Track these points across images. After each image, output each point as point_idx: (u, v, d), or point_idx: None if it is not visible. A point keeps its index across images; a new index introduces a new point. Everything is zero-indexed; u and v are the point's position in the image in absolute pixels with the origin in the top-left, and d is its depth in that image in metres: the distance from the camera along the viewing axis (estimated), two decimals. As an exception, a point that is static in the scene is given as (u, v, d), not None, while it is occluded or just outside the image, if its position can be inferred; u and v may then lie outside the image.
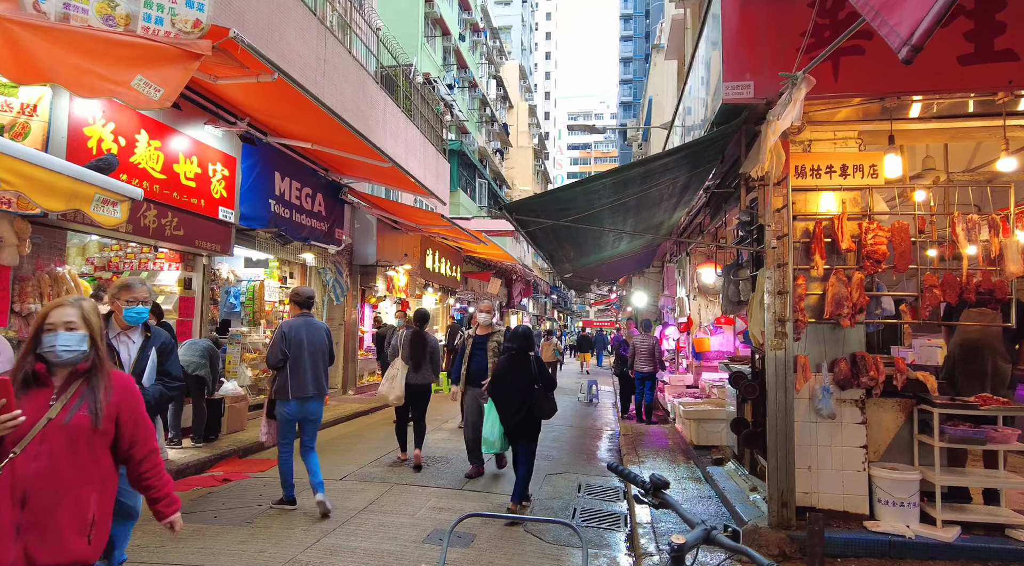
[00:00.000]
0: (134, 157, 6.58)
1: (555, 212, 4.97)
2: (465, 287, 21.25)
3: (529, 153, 43.73)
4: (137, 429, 2.24)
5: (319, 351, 5.32)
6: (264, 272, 10.44)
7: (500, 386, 5.59)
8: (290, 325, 5.29)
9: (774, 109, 4.06)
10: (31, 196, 3.16)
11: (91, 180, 3.51)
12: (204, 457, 6.86)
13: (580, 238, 6.67)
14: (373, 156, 8.25)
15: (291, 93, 6.48)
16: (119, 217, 3.75)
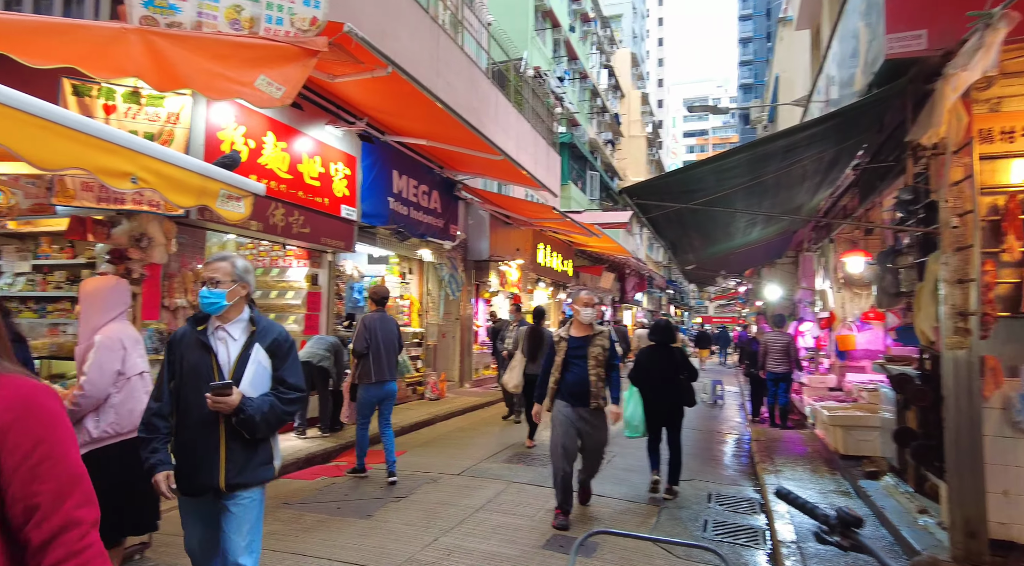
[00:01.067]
0: (262, 158, 6.91)
1: (680, 195, 4.52)
2: (576, 281, 20.89)
3: (642, 142, 42.39)
4: (35, 482, 1.10)
5: (392, 341, 6.21)
6: (385, 268, 10.74)
7: (645, 377, 5.97)
8: (370, 318, 6.17)
9: (955, 60, 3.38)
10: (165, 193, 3.27)
11: (217, 176, 3.60)
12: (329, 447, 7.09)
13: (708, 225, 6.11)
14: (486, 150, 8.15)
15: (406, 89, 6.50)
16: (243, 212, 3.83)
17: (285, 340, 2.78)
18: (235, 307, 2.73)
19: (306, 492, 5.65)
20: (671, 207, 4.50)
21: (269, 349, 2.70)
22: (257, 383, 2.64)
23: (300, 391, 2.76)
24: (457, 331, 12.88)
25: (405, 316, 11.18)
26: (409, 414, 9.43)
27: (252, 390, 2.60)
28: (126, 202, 5.68)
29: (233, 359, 2.65)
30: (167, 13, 4.69)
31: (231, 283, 2.69)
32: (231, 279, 2.70)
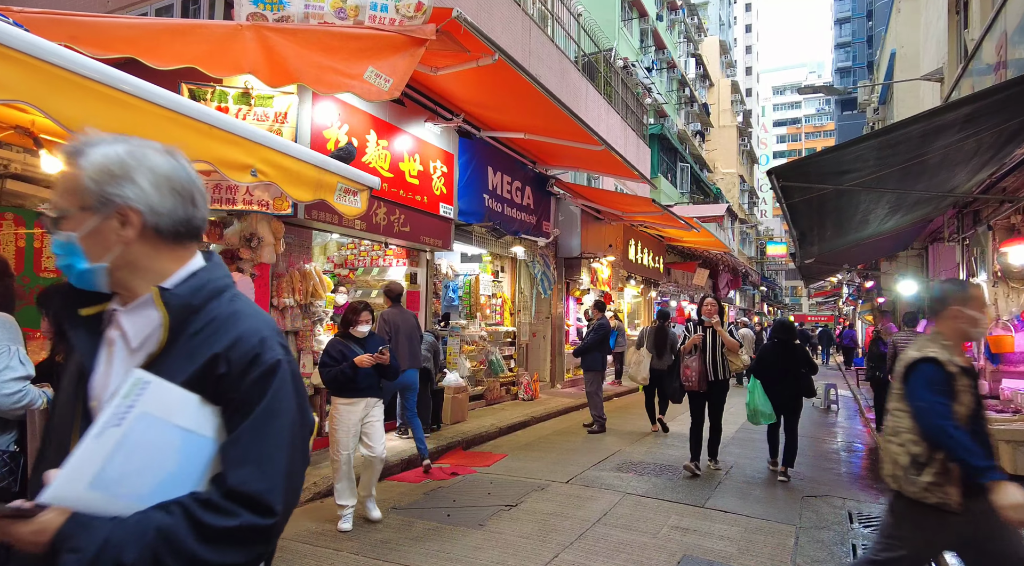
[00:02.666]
0: (365, 157, 6.87)
1: (831, 176, 3.96)
2: (668, 279, 20.07)
3: (732, 133, 40.46)
4: None
5: (412, 330, 6.57)
6: (478, 266, 10.59)
7: (768, 369, 6.56)
8: (389, 313, 6.53)
9: None
10: (283, 186, 3.14)
11: (334, 169, 3.45)
12: (431, 447, 6.95)
13: (847, 211, 5.45)
14: (585, 140, 7.78)
15: (506, 79, 6.24)
16: (359, 207, 3.68)
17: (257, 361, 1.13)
18: (129, 268, 1.17)
19: (413, 496, 5.50)
20: (824, 189, 3.94)
21: (205, 380, 1.11)
22: (144, 470, 1.06)
23: (261, 509, 1.07)
24: (548, 330, 12.58)
25: (498, 315, 11.00)
26: (504, 415, 9.21)
27: (117, 490, 1.04)
28: (237, 202, 5.75)
29: None
30: (276, 7, 4.65)
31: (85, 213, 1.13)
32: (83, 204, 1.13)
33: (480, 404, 9.80)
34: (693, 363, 6.43)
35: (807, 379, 6.52)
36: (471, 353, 9.73)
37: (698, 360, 6.39)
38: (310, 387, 6.66)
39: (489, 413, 9.36)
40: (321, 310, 6.77)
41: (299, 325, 6.41)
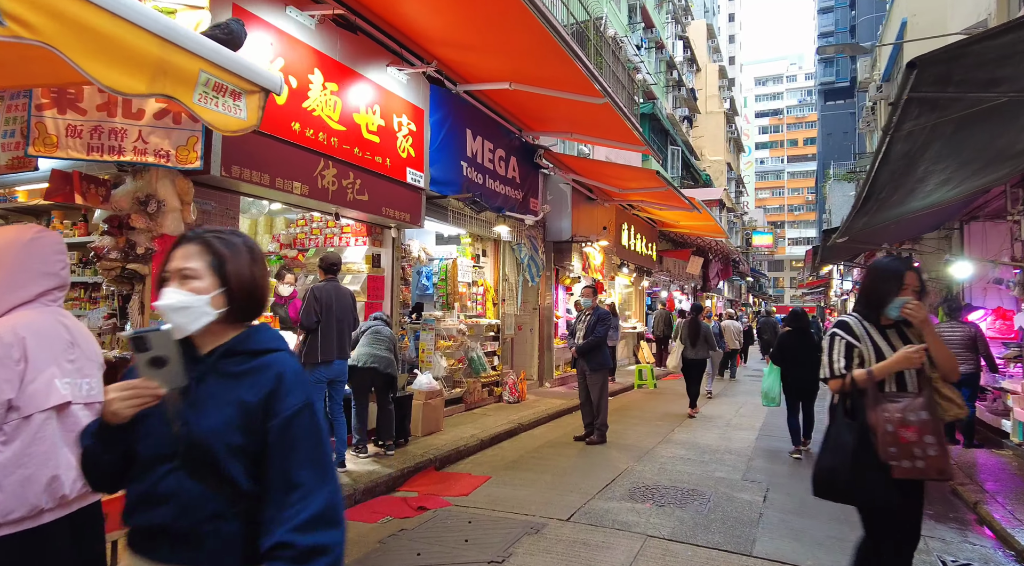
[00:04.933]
0: (308, 102, 5.39)
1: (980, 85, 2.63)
2: (660, 267, 18.82)
3: (720, 119, 39.34)
4: None
5: (347, 315, 5.54)
6: (456, 250, 9.16)
7: (786, 356, 7.05)
8: (322, 289, 5.43)
9: None
10: (77, 59, 1.69)
11: (194, 47, 2.01)
12: (394, 471, 5.55)
13: (938, 165, 4.14)
14: (584, 89, 6.38)
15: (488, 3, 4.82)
16: (243, 119, 2.27)
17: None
18: None
19: (364, 546, 4.09)
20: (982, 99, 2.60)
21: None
22: None
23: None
24: (535, 323, 11.21)
25: (479, 306, 9.59)
26: (487, 422, 7.82)
27: None
28: (125, 151, 4.25)
29: None
30: None
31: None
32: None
33: (458, 409, 8.40)
34: None
35: None
36: (448, 350, 8.32)
37: None
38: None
39: (469, 420, 7.96)
40: (252, 298, 5.30)
41: (220, 317, 4.93)
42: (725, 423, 9.08)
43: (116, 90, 1.83)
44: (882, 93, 17.76)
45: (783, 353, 7.12)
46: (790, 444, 7.33)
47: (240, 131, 2.37)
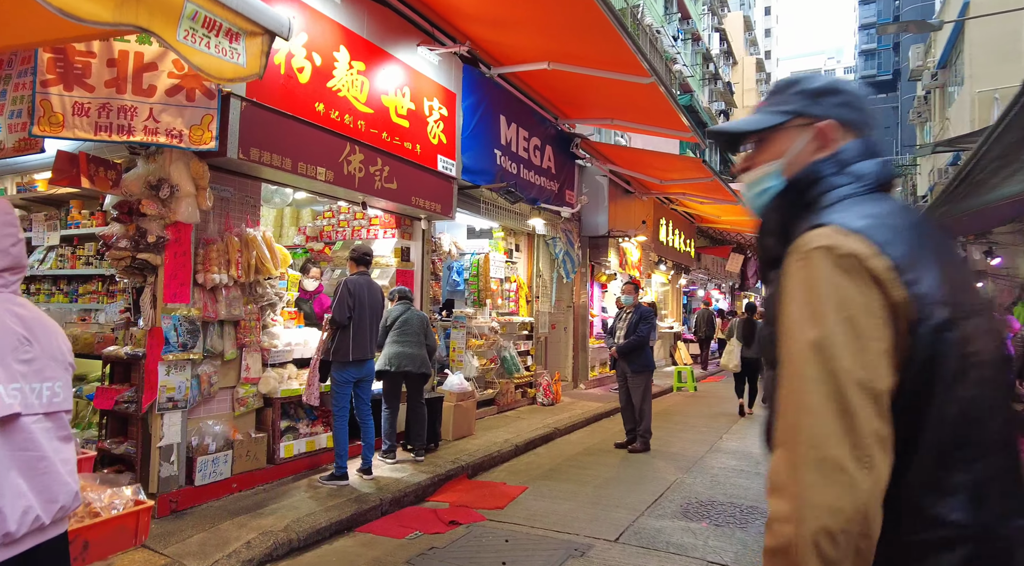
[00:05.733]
0: (333, 82, 5.01)
1: None
2: (698, 265, 18.11)
3: (757, 114, 38.12)
4: None
5: (378, 312, 5.25)
6: (488, 244, 8.74)
7: None
8: (356, 282, 5.05)
9: None
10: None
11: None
12: (424, 479, 5.14)
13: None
14: (629, 67, 5.87)
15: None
16: (240, 64, 1.86)
17: None
18: None
19: (395, 564, 3.68)
20: None
21: None
22: None
23: None
24: (570, 321, 10.72)
25: (512, 303, 9.15)
26: (521, 426, 7.38)
27: None
28: (135, 131, 3.92)
29: None
30: None
31: None
32: None
33: (490, 411, 7.98)
34: None
35: None
36: (479, 349, 7.90)
37: None
38: (258, 397, 4.86)
39: (502, 423, 7.53)
40: (272, 292, 4.95)
41: (238, 312, 4.60)
42: (775, 430, 8.46)
43: (72, 15, 1.44)
44: (937, 81, 16.77)
45: None
46: None
47: (238, 80, 1.98)
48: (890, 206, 1.03)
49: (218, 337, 4.52)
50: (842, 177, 1.07)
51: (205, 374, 4.39)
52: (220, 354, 4.53)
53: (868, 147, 1.10)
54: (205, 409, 4.47)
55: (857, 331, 0.88)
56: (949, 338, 0.91)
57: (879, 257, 0.90)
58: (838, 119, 1.12)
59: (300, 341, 5.35)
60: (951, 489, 0.90)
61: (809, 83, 1.16)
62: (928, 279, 0.92)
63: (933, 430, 0.90)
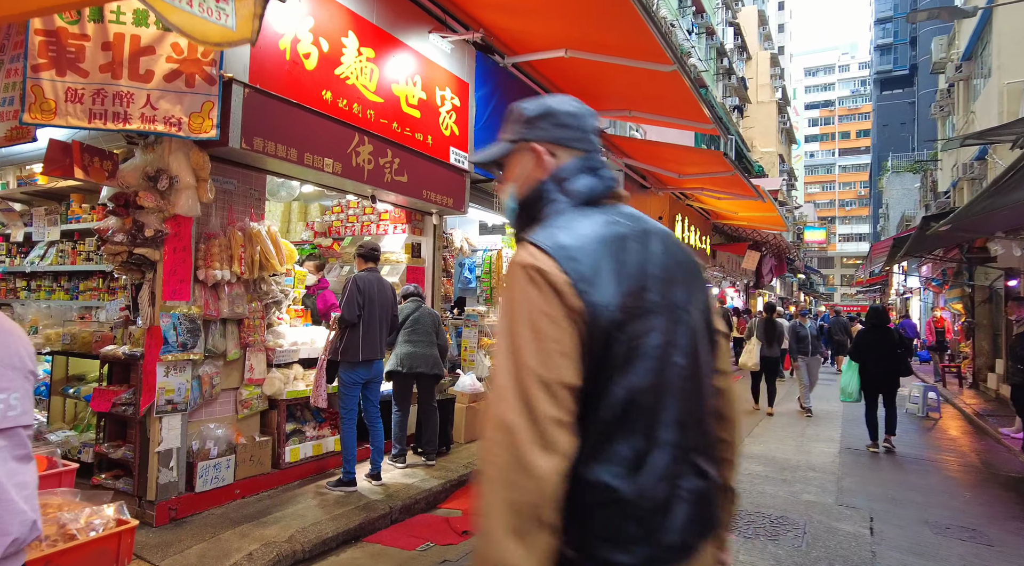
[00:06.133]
0: (341, 69, 4.78)
1: None
2: (713, 262, 17.76)
3: (771, 109, 37.63)
4: None
5: (388, 310, 4.95)
6: (501, 240, 8.50)
7: (865, 352, 7.16)
8: (365, 279, 4.80)
9: None
10: None
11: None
12: (435, 485, 4.91)
13: None
14: (650, 54, 5.59)
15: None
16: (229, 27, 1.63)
17: None
18: None
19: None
20: None
21: None
22: None
23: None
24: (584, 320, 10.44)
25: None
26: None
27: None
28: (132, 119, 3.71)
29: None
30: None
31: None
32: None
33: (503, 413, 7.72)
34: None
35: (903, 359, 7.20)
36: (492, 348, 7.66)
37: None
38: (262, 399, 4.65)
39: (515, 425, 7.28)
40: (278, 289, 4.74)
41: (241, 310, 4.38)
42: (799, 432, 8.17)
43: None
44: (962, 73, 16.29)
45: (862, 349, 7.23)
46: (878, 458, 6.78)
47: (226, 44, 1.75)
48: (592, 220, 1.15)
49: (220, 336, 4.31)
50: (559, 194, 1.20)
51: (207, 375, 4.18)
52: (223, 354, 4.32)
53: (586, 163, 1.22)
54: (207, 412, 4.27)
55: (539, 334, 1.02)
56: (617, 336, 1.06)
57: (560, 272, 1.04)
58: (553, 140, 1.23)
59: (307, 340, 5.14)
60: (612, 459, 1.05)
61: (526, 110, 1.26)
62: (602, 288, 1.06)
63: (602, 411, 1.06)
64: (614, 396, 1.07)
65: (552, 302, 1.04)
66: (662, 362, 1.11)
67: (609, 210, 1.20)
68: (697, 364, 1.18)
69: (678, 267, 1.20)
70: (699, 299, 1.23)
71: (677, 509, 1.10)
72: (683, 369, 1.14)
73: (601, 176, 1.23)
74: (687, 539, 1.11)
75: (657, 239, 1.20)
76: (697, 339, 1.19)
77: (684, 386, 1.14)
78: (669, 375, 1.12)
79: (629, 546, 1.05)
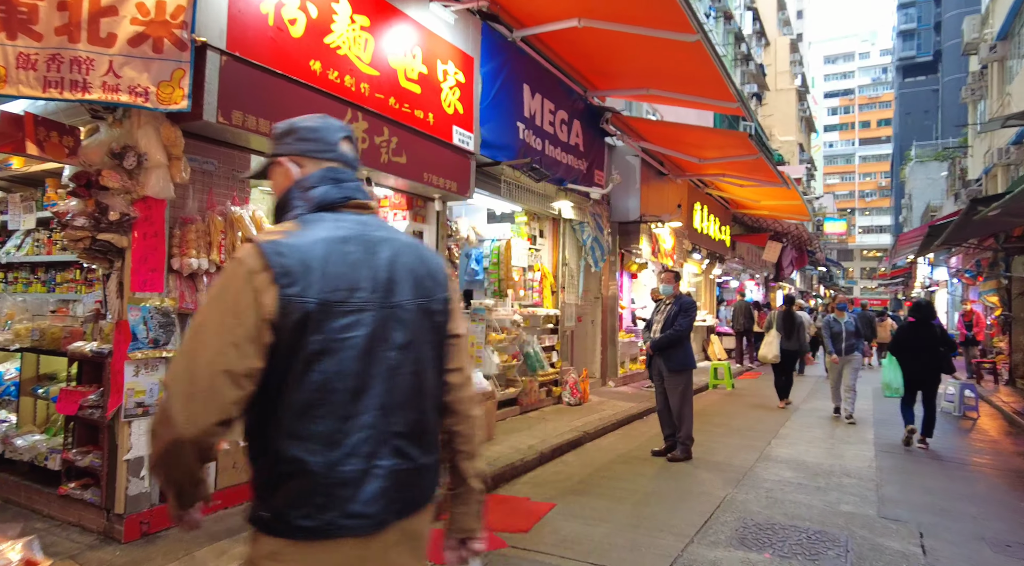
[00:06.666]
0: (331, 38, 4.35)
1: None
2: (733, 254, 17.17)
3: (791, 96, 36.68)
4: None
5: None
6: (511, 229, 8.05)
7: (905, 348, 7.04)
8: None
9: None
10: None
11: None
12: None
13: None
14: (672, 22, 5.10)
15: None
16: None
17: None
18: None
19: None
20: None
21: None
22: None
23: None
24: (598, 314, 10.00)
25: (536, 294, 8.45)
26: (546, 429, 6.71)
27: None
28: (92, 88, 3.31)
29: None
30: None
31: None
32: None
33: (512, 412, 7.32)
34: None
35: (945, 356, 6.95)
36: (501, 344, 7.24)
37: None
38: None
39: (524, 426, 6.87)
40: (264, 280, 4.33)
41: (222, 303, 3.98)
42: (828, 434, 7.66)
43: None
44: (996, 53, 15.52)
45: (902, 344, 7.08)
46: (919, 462, 6.32)
47: None
48: (321, 224, 1.29)
49: (198, 331, 3.92)
50: (298, 200, 1.35)
51: (183, 374, 3.79)
52: (201, 351, 3.92)
53: (329, 174, 1.37)
54: (184, 414, 3.88)
55: (226, 323, 1.15)
56: (316, 327, 1.19)
57: (265, 270, 1.17)
58: (299, 152, 1.39)
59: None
60: (305, 436, 1.19)
61: (276, 128, 1.44)
62: (304, 283, 1.19)
63: (297, 393, 1.18)
64: (310, 380, 1.18)
65: (248, 295, 1.16)
66: (367, 354, 1.23)
67: (343, 216, 1.33)
68: (414, 360, 1.31)
69: (407, 272, 1.33)
70: (429, 302, 1.36)
71: (369, 484, 1.22)
72: (393, 362, 1.26)
73: (341, 186, 1.36)
74: (378, 512, 1.22)
75: (387, 246, 1.32)
76: (417, 337, 1.32)
77: (392, 377, 1.26)
78: (374, 366, 1.24)
79: (315, 513, 1.17)
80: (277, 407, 1.18)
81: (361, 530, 1.21)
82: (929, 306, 7.34)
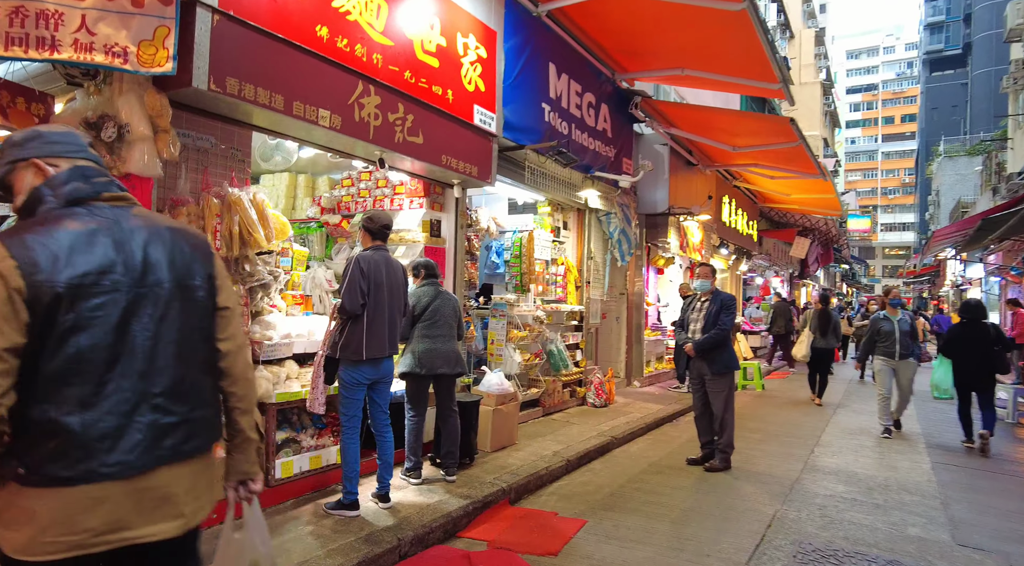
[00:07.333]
0: (339, 1, 3.91)
1: None
2: (759, 249, 16.53)
3: (816, 90, 35.72)
4: None
5: (398, 297, 4.08)
6: (533, 220, 7.58)
7: (956, 347, 6.78)
8: (368, 260, 3.88)
9: None
10: None
11: None
12: (455, 508, 4.05)
13: None
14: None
15: None
16: None
17: None
18: None
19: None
20: None
21: None
22: None
23: None
24: (623, 310, 9.50)
25: (560, 289, 7.97)
26: (571, 434, 6.25)
27: None
28: (62, 47, 2.89)
29: None
30: None
31: None
32: None
33: (534, 414, 6.86)
34: None
35: (1000, 356, 6.66)
36: (522, 342, 6.77)
37: None
38: (245, 403, 3.82)
39: (548, 429, 6.41)
40: (265, 270, 3.91)
41: (217, 295, 3.56)
42: (874, 440, 7.10)
43: None
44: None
45: (954, 345, 6.86)
46: (983, 476, 5.76)
47: None
48: (71, 218, 1.44)
49: (190, 327, 3.51)
50: (51, 197, 1.46)
51: (172, 374, 3.38)
52: (193, 348, 3.51)
53: (80, 171, 1.50)
54: (174, 419, 3.47)
55: None
56: (66, 307, 1.35)
57: (8, 259, 1.31)
58: (49, 154, 1.51)
59: (303, 331, 4.32)
60: (61, 400, 1.35)
61: (13, 138, 1.53)
62: (49, 273, 1.34)
63: (53, 364, 1.34)
64: (63, 353, 1.35)
65: None
66: (120, 328, 1.42)
67: (97, 208, 1.48)
68: (176, 330, 1.51)
69: (162, 255, 1.51)
70: (189, 280, 1.55)
71: (129, 436, 1.40)
72: (151, 334, 1.46)
73: (91, 182, 1.50)
74: (138, 458, 1.41)
75: (142, 233, 1.50)
76: (177, 312, 1.52)
77: (152, 347, 1.46)
78: (129, 338, 1.43)
79: (71, 464, 1.34)
80: (36, 377, 1.34)
81: (121, 475, 1.38)
82: (979, 305, 7.01)
